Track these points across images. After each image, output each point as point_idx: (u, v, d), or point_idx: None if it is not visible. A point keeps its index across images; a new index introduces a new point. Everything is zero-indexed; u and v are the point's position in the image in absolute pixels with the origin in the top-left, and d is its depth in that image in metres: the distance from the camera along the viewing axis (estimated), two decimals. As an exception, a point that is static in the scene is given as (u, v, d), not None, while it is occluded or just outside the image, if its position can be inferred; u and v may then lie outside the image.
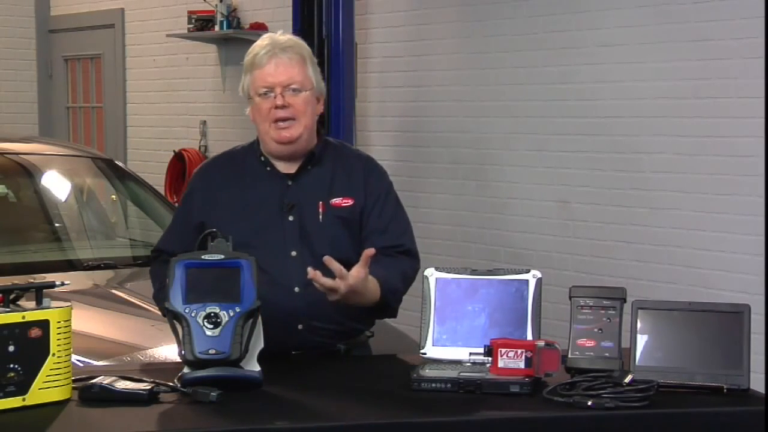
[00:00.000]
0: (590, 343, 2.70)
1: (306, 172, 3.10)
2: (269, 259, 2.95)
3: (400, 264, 3.08)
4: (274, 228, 3.04)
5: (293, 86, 3.03)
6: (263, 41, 3.09)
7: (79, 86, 9.38)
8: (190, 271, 2.59)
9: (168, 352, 3.40)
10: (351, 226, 3.06)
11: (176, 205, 6.30)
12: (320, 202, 3.05)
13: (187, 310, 2.55)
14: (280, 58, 3.04)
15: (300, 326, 3.01)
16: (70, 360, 2.48)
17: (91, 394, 2.47)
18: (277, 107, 3.02)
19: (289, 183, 3.09)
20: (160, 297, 2.91)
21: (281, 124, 3.03)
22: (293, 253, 3.02)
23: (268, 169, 3.10)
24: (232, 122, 7.64)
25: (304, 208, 3.05)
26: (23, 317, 2.42)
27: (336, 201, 3.06)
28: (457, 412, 2.48)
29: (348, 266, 2.86)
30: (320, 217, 3.04)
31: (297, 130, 3.03)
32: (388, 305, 3.03)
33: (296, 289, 3.00)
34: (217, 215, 3.03)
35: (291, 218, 3.05)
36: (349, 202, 3.08)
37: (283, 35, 3.12)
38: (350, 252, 2.99)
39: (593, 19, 5.67)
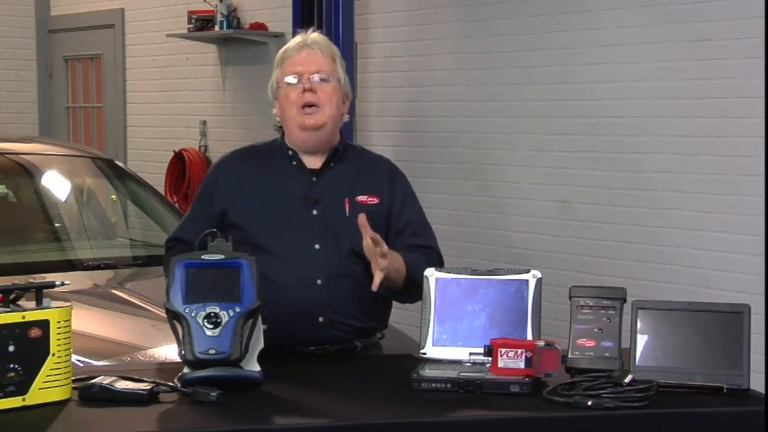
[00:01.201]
0: (590, 343, 2.70)
1: (329, 169, 3.15)
2: (292, 252, 3.02)
3: (428, 256, 3.13)
4: (298, 221, 3.08)
5: (321, 75, 3.09)
6: (296, 39, 3.17)
7: (79, 86, 9.38)
8: (190, 271, 2.59)
9: (168, 352, 3.40)
10: (376, 223, 3.05)
11: (176, 205, 6.35)
12: (345, 199, 3.10)
13: (187, 310, 2.55)
14: (311, 48, 3.12)
15: (321, 319, 3.05)
16: (70, 360, 2.48)
17: (91, 394, 2.47)
18: (304, 91, 3.07)
19: (314, 179, 3.13)
20: None
21: (307, 110, 3.08)
22: (317, 246, 3.06)
23: (294, 163, 3.14)
24: (232, 122, 7.65)
25: (329, 204, 3.09)
26: (23, 317, 2.42)
27: (361, 198, 3.11)
28: (457, 412, 2.48)
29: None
30: (347, 212, 3.08)
31: (321, 118, 3.09)
32: (414, 280, 3.02)
33: (318, 282, 3.04)
34: (241, 205, 3.07)
35: (315, 212, 3.09)
36: (375, 200, 3.12)
37: (316, 33, 3.19)
38: None
39: (593, 19, 5.67)
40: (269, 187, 3.12)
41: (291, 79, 3.10)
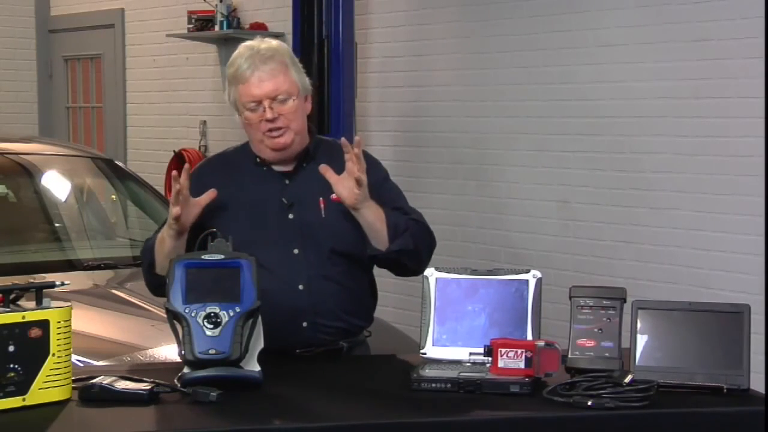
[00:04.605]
0: (590, 343, 2.70)
1: (302, 170, 3.11)
2: (272, 258, 2.97)
3: (414, 221, 3.07)
4: (275, 227, 3.05)
5: (280, 96, 3.03)
6: (243, 51, 3.06)
7: (79, 86, 9.37)
8: (190, 271, 2.59)
9: (168, 352, 3.40)
10: (354, 218, 3.02)
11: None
12: (320, 198, 3.06)
13: (187, 310, 2.55)
14: (262, 70, 3.02)
15: (304, 324, 3.03)
16: (70, 360, 2.48)
17: (91, 394, 2.47)
18: (267, 120, 3.02)
19: (287, 182, 3.10)
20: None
21: (274, 132, 3.03)
22: (295, 251, 3.04)
23: (265, 169, 3.11)
24: (232, 122, 7.56)
25: (305, 206, 3.06)
26: (23, 317, 2.42)
27: (336, 196, 3.05)
28: (457, 412, 2.48)
29: (354, 260, 3.03)
30: (323, 212, 3.05)
31: (289, 137, 3.05)
32: (397, 228, 2.99)
33: (300, 287, 3.02)
34: (215, 216, 3.02)
35: (291, 216, 3.06)
36: None
37: (262, 42, 3.09)
38: (356, 245, 3.01)
39: (593, 19, 5.67)
40: (242, 194, 3.08)
41: (250, 106, 3.03)
